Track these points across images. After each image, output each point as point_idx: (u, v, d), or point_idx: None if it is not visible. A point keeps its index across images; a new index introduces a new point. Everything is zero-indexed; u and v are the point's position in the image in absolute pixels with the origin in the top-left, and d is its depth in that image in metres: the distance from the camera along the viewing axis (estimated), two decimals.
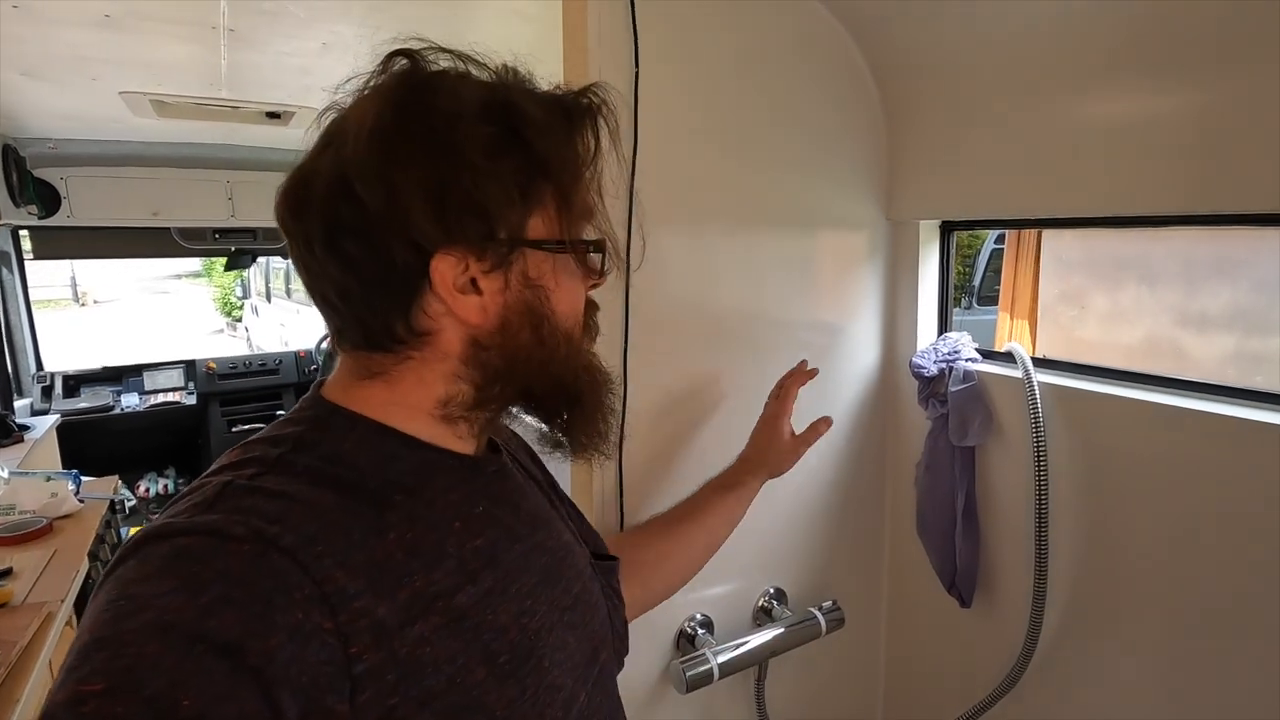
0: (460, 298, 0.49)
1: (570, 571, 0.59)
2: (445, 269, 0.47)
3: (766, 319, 1.13)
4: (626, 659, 0.69)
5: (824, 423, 0.98)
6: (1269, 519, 0.82)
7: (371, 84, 0.49)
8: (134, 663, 0.34)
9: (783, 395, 0.97)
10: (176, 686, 0.34)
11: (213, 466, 0.47)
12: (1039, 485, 1.02)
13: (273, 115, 2.35)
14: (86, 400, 3.56)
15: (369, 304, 0.49)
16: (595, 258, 0.55)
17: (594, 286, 0.58)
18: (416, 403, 0.52)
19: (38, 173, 2.80)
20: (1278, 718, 0.82)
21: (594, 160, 0.52)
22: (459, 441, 0.54)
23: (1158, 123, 0.84)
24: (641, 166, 0.93)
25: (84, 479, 1.95)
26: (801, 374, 0.98)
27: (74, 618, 1.52)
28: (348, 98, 0.50)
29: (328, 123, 0.50)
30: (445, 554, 0.48)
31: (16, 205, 2.60)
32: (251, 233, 3.52)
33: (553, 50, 0.91)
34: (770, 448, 0.95)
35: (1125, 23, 0.83)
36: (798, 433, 0.98)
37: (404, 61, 0.49)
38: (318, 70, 1.66)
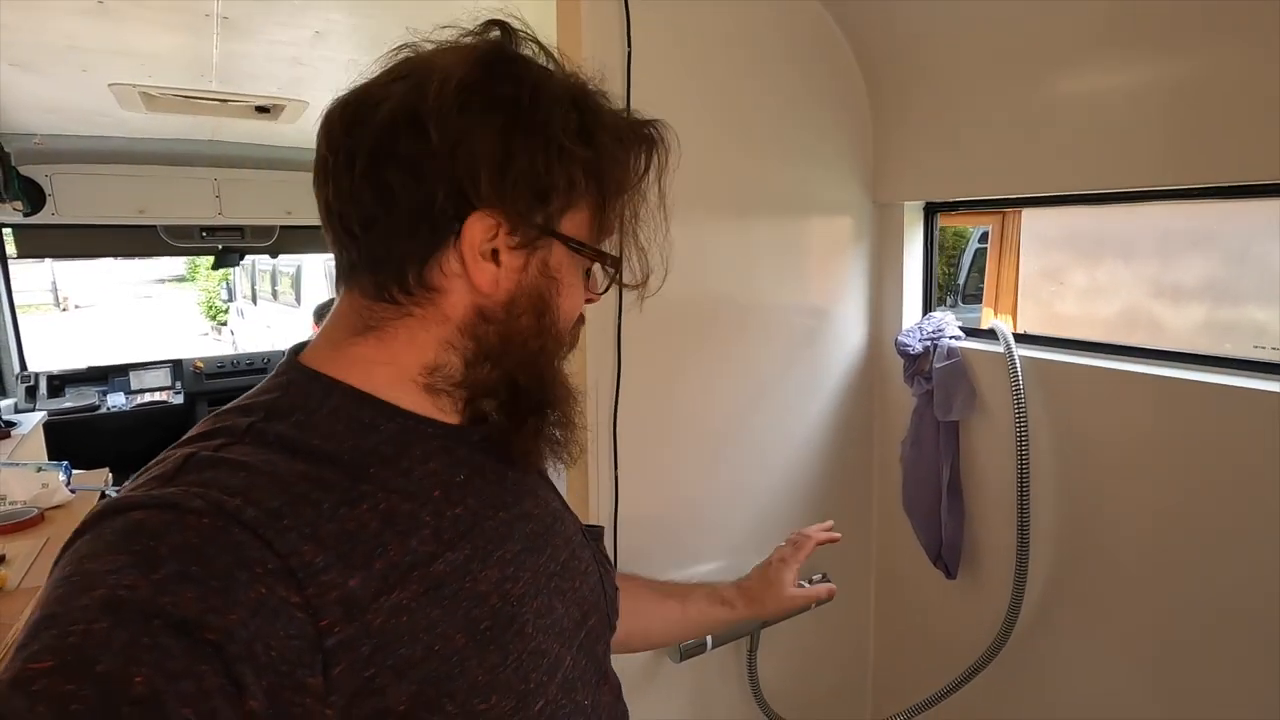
0: (480, 262, 0.49)
1: (558, 539, 0.59)
2: (478, 229, 0.48)
3: (756, 302, 1.15)
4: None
5: (827, 591, 0.95)
6: (1240, 479, 0.86)
7: (464, 41, 0.51)
8: (83, 640, 0.33)
9: (799, 545, 0.94)
10: (129, 663, 0.33)
11: (183, 438, 0.47)
12: (1020, 457, 1.05)
13: (262, 110, 2.34)
14: (71, 400, 3.53)
15: (390, 240, 0.49)
16: (605, 274, 0.57)
17: (590, 300, 0.59)
18: (405, 365, 0.51)
19: (22, 169, 2.77)
20: (1259, 681, 0.85)
21: (638, 185, 0.55)
22: (441, 413, 0.53)
23: (1135, 98, 0.88)
24: None
25: (74, 471, 1.94)
26: (824, 535, 0.96)
27: None
28: (427, 42, 0.51)
29: (402, 58, 0.51)
30: (421, 522, 0.48)
31: (1, 202, 2.58)
32: (239, 230, 3.50)
33: (546, 35, 0.93)
34: (769, 592, 0.91)
35: (1100, 3, 0.86)
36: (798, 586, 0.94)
37: (498, 32, 0.51)
38: (310, 60, 1.67)
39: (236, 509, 0.40)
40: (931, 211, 1.25)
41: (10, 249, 3.24)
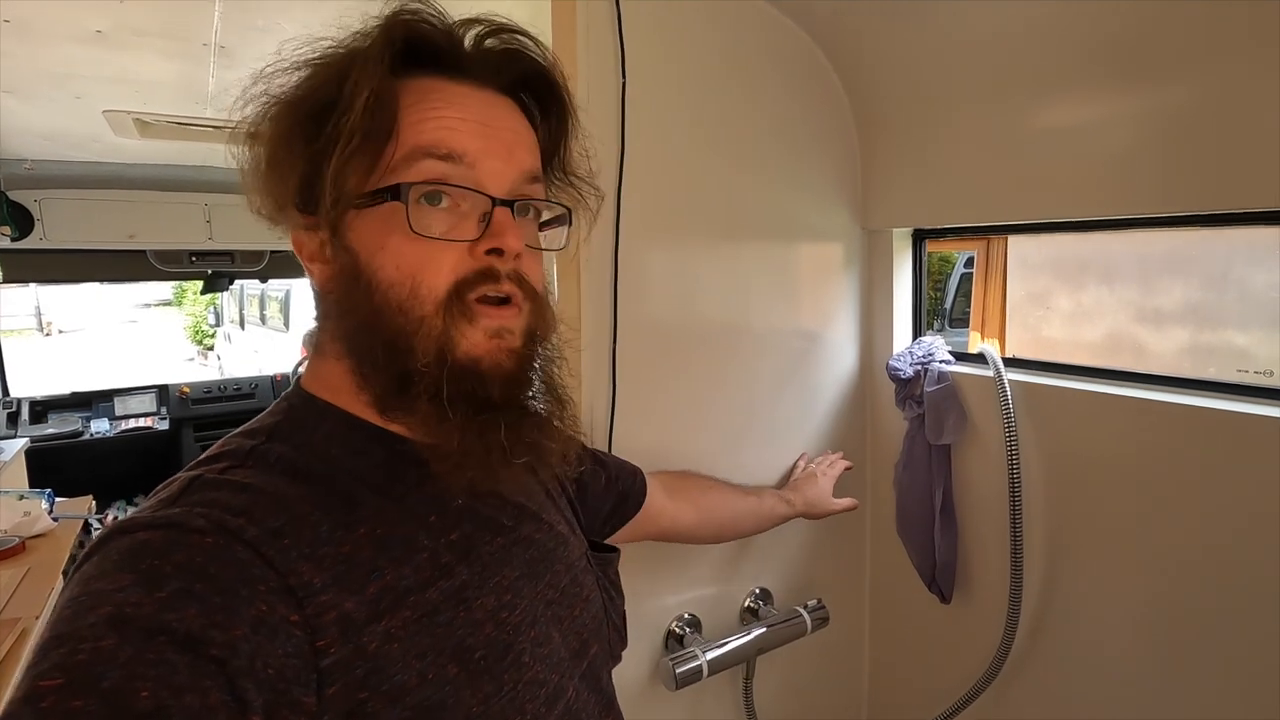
0: (310, 265, 0.52)
1: (560, 564, 0.58)
2: (293, 241, 0.52)
3: (747, 326, 1.16)
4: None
5: (853, 502, 1.17)
6: (1226, 501, 0.87)
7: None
8: (91, 657, 0.34)
9: (831, 470, 1.18)
10: (135, 679, 0.33)
11: (192, 461, 0.47)
12: (1012, 479, 1.06)
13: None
14: (54, 426, 3.48)
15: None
16: (425, 203, 0.47)
17: (476, 243, 0.48)
18: (348, 389, 0.50)
19: (11, 194, 2.77)
20: (1255, 701, 0.85)
21: (364, 85, 0.45)
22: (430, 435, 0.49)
23: (1116, 127, 0.90)
24: (626, 181, 0.97)
25: (57, 499, 1.90)
26: (845, 463, 1.21)
27: None
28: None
29: None
30: (418, 548, 0.47)
31: None
32: (229, 255, 3.50)
33: None
34: (817, 498, 1.13)
35: (1086, 32, 0.89)
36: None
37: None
38: None
39: (239, 528, 0.41)
40: (920, 238, 1.27)
41: None
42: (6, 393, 3.41)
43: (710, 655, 1.04)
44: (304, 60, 0.48)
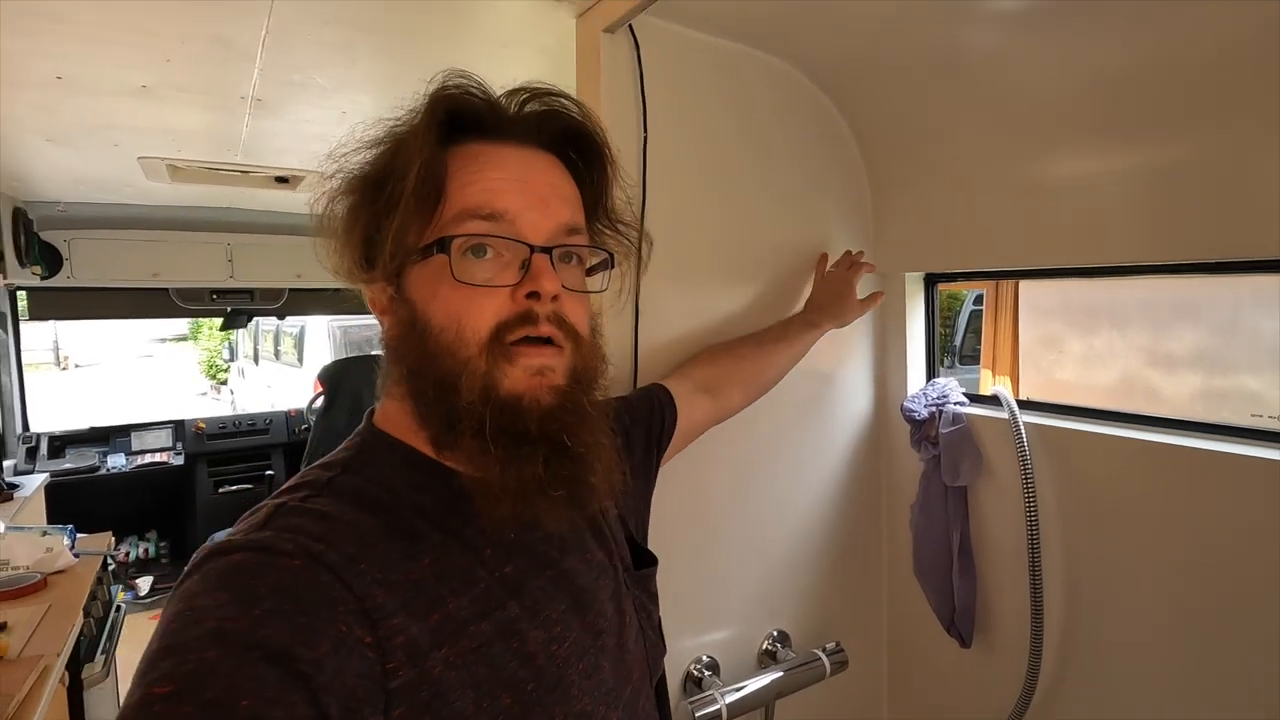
0: (380, 317, 0.57)
1: (603, 594, 0.60)
2: (366, 295, 0.58)
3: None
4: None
5: (879, 296, 1.18)
6: (1248, 546, 0.87)
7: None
8: (197, 668, 0.37)
9: (854, 267, 1.14)
10: (234, 691, 0.36)
11: (274, 491, 0.52)
12: (1030, 522, 1.06)
13: (281, 180, 2.44)
14: (72, 461, 3.52)
15: None
16: (471, 256, 0.52)
17: (516, 287, 0.52)
18: (410, 427, 0.55)
19: (43, 235, 2.85)
20: None
21: (420, 153, 0.51)
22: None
23: (1123, 177, 0.93)
24: (647, 226, 1.01)
25: (78, 535, 1.92)
26: (865, 262, 1.17)
27: (66, 676, 1.48)
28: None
29: None
30: (474, 579, 0.50)
31: (21, 266, 2.64)
32: (249, 293, 3.57)
33: None
34: (842, 301, 1.12)
35: (1092, 87, 0.93)
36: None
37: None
38: (333, 137, 1.74)
39: (321, 553, 0.44)
40: (932, 281, 1.30)
41: (23, 310, 3.30)
42: (27, 427, 3.45)
43: (729, 699, 1.04)
44: (369, 140, 0.55)
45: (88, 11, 1.03)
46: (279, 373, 6.66)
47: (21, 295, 3.24)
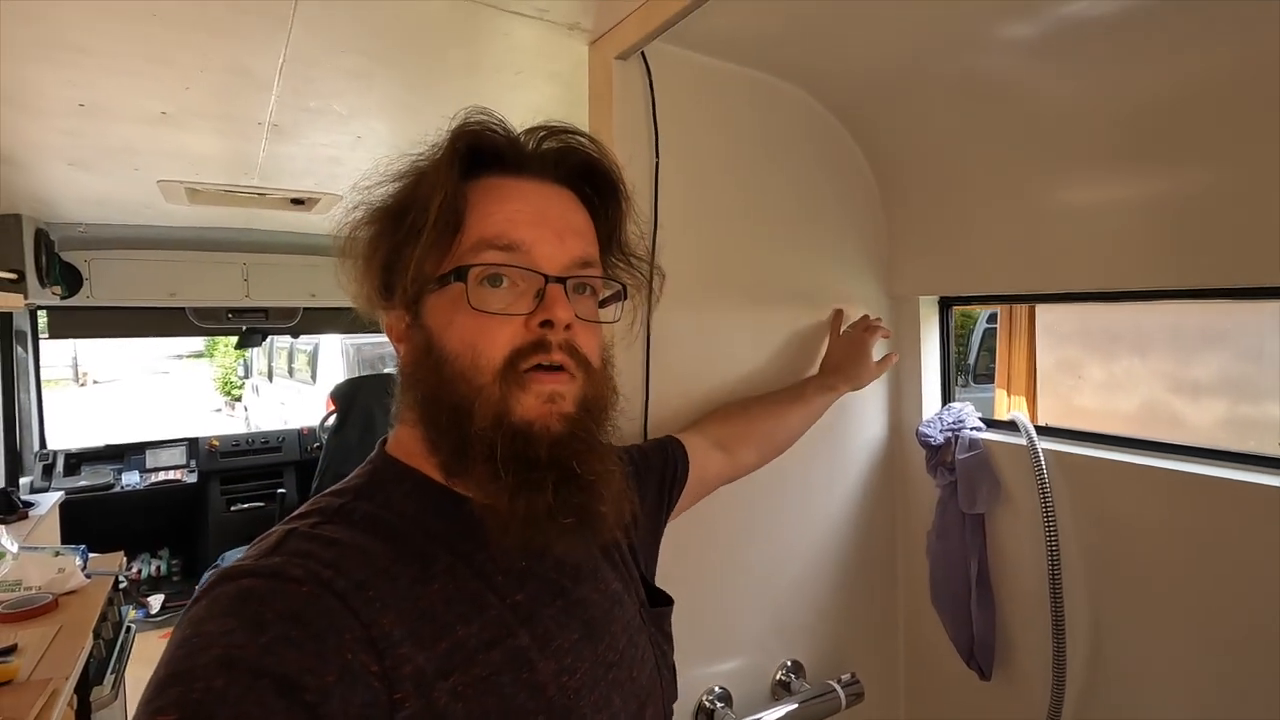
0: (396, 345, 0.58)
1: (617, 625, 0.59)
2: (384, 321, 0.59)
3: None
4: None
5: (895, 355, 1.18)
6: (1272, 580, 0.84)
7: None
8: (203, 697, 0.37)
9: (870, 330, 1.14)
10: (241, 718, 0.36)
11: (286, 517, 0.52)
12: (1050, 550, 1.04)
13: (297, 201, 2.47)
14: (87, 478, 3.54)
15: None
16: (488, 285, 0.53)
17: (530, 316, 0.53)
18: (422, 453, 0.55)
19: (64, 255, 2.90)
20: None
21: (442, 187, 0.52)
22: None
23: (1140, 204, 0.92)
24: (658, 253, 1.01)
25: (90, 555, 1.93)
26: (883, 328, 1.17)
27: (75, 699, 1.48)
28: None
29: None
30: (485, 606, 0.50)
31: (42, 286, 2.69)
32: (264, 312, 3.61)
33: None
34: (857, 363, 1.11)
35: (1109, 113, 0.92)
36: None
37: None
38: (348, 161, 1.77)
39: (330, 579, 0.44)
40: (946, 304, 1.28)
41: (41, 328, 3.35)
42: (44, 445, 3.49)
43: None
44: (392, 173, 0.57)
45: (111, 43, 1.05)
46: (293, 390, 6.71)
47: (41, 314, 3.30)
